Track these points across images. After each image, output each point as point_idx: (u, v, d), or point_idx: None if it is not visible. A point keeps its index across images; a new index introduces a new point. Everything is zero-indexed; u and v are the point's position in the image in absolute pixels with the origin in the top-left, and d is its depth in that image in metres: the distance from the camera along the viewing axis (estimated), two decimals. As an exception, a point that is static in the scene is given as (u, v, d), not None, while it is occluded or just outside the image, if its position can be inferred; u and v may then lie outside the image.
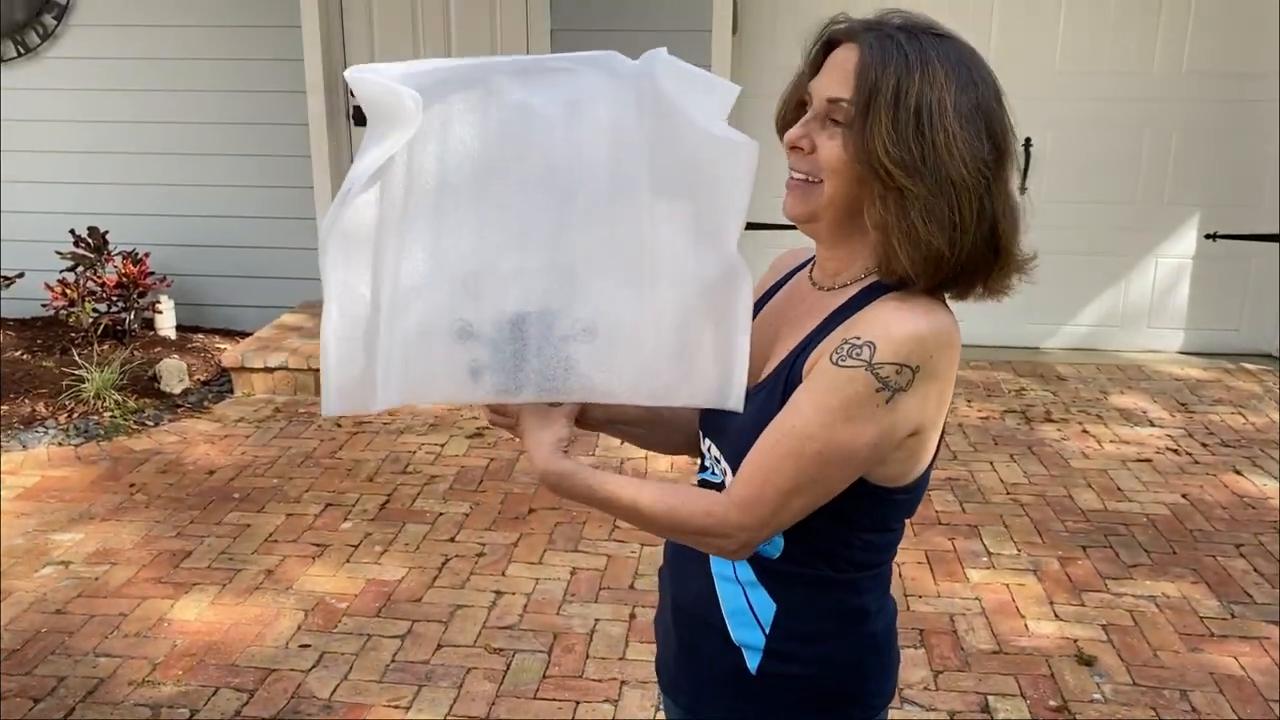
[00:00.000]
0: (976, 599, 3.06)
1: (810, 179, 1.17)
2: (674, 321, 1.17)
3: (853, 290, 1.20)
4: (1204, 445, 4.21)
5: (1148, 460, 4.06)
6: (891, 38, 1.12)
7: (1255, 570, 3.23)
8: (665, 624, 1.43)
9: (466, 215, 1.14)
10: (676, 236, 1.16)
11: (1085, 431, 4.34)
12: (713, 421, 1.31)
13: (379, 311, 1.17)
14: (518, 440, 1.26)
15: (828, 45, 1.19)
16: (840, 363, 1.10)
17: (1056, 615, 2.99)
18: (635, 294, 1.16)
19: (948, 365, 1.13)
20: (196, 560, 3.25)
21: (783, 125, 1.23)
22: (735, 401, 1.20)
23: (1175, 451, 4.15)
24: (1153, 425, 4.42)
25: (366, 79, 1.10)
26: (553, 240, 1.14)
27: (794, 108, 1.22)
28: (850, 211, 1.17)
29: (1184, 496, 3.75)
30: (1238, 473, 3.95)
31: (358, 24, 5.21)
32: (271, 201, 5.32)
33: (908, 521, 1.32)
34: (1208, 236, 5.22)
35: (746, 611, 1.27)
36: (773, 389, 1.20)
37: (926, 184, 1.09)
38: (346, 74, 1.13)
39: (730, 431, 1.26)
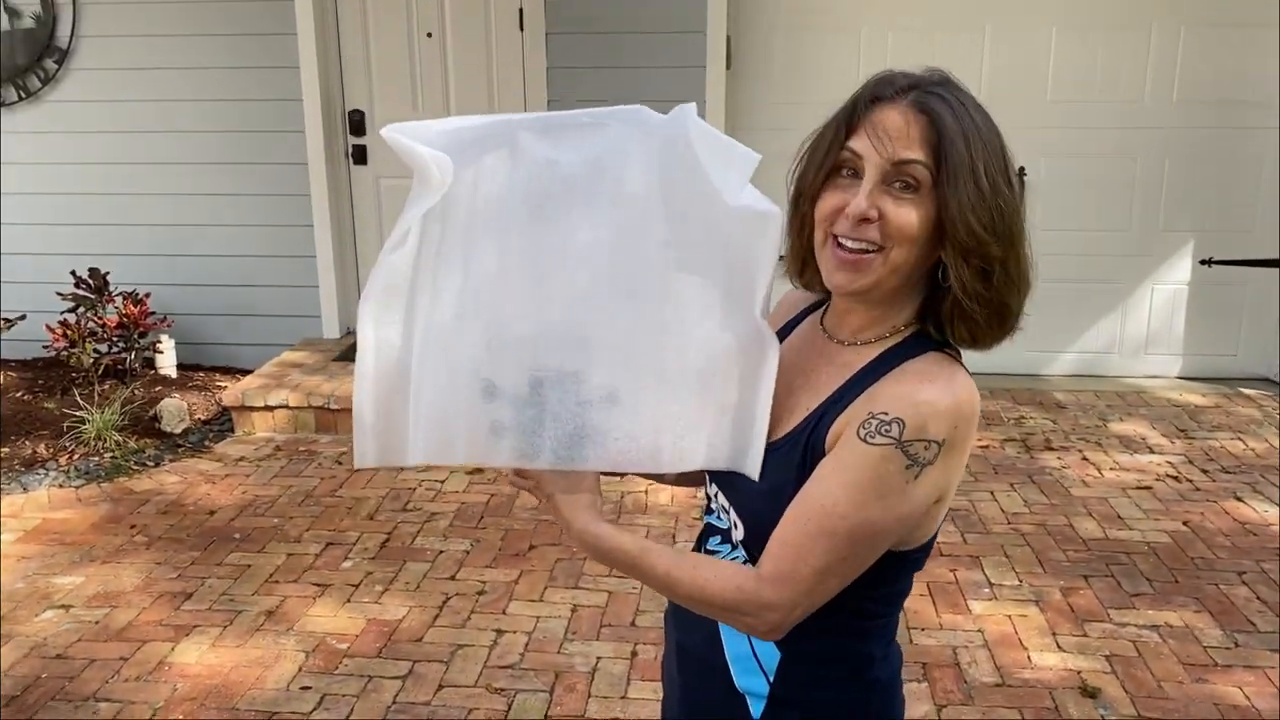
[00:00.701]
0: (979, 631, 3.06)
1: (869, 248, 1.13)
2: (697, 387, 1.17)
3: (874, 351, 1.20)
4: (1204, 472, 4.21)
5: (1148, 488, 4.06)
6: (943, 99, 1.13)
7: (1258, 598, 3.22)
8: (670, 667, 1.43)
9: (493, 274, 1.15)
10: (702, 301, 1.16)
11: (1085, 459, 4.34)
12: (722, 471, 1.31)
13: (410, 366, 1.18)
14: (540, 499, 1.25)
15: (865, 104, 1.15)
16: (869, 439, 1.10)
17: (1059, 646, 2.98)
18: (658, 360, 1.15)
19: (970, 433, 1.14)
20: (197, 602, 3.25)
21: (814, 191, 1.18)
22: (752, 467, 1.20)
23: (1175, 478, 4.15)
24: (1153, 452, 4.42)
25: (400, 141, 1.11)
26: (577, 302, 1.14)
27: (829, 172, 1.17)
28: (908, 276, 1.16)
29: (1185, 524, 3.74)
30: (1239, 499, 3.95)
31: (356, 64, 5.26)
32: (272, 240, 5.35)
33: None
34: (1203, 262, 5.24)
35: (751, 658, 1.27)
36: (789, 451, 1.19)
37: (1004, 248, 1.12)
38: (383, 132, 1.13)
39: (742, 488, 1.25)
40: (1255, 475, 4.17)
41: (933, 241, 1.13)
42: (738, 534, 1.26)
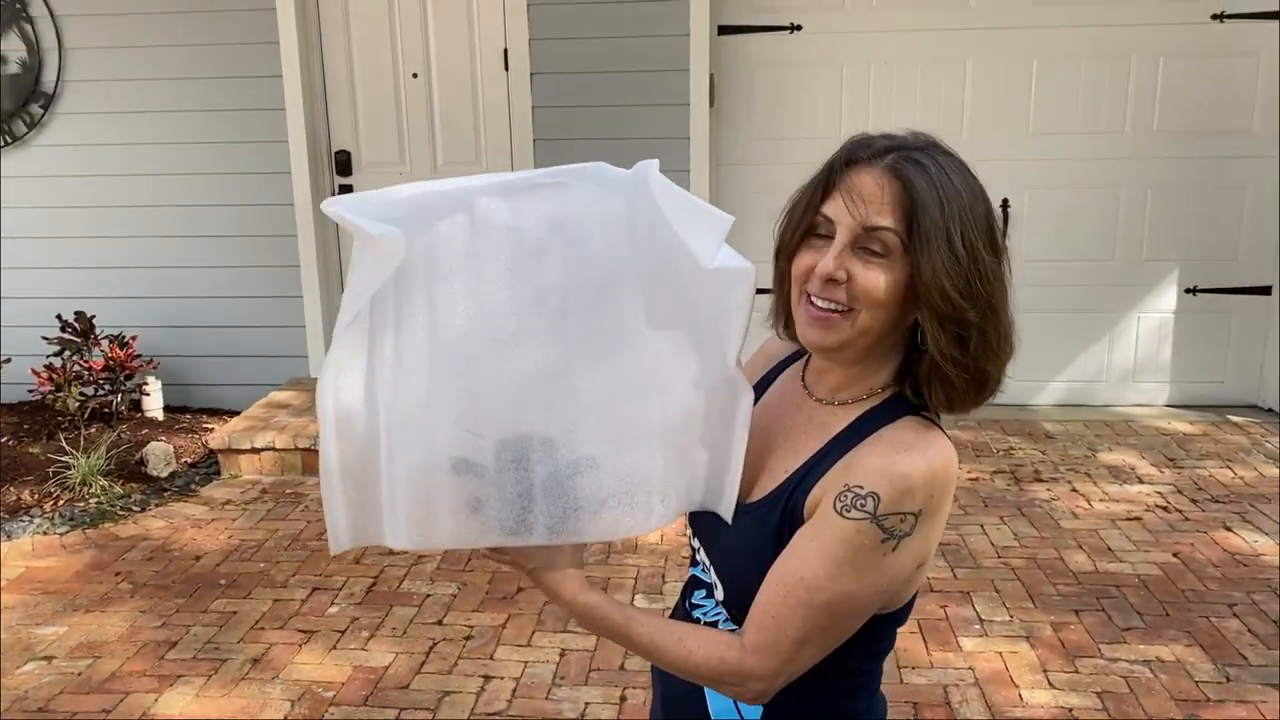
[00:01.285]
0: (970, 668, 3.04)
1: (840, 309, 1.14)
2: (676, 441, 1.16)
3: (853, 413, 1.20)
4: (1194, 501, 4.21)
5: (1138, 519, 4.05)
6: (920, 164, 1.11)
7: (1250, 631, 3.21)
8: (655, 717, 1.43)
9: (457, 343, 1.11)
10: (676, 358, 1.15)
11: (1075, 490, 4.33)
12: (702, 524, 1.31)
13: (378, 447, 1.14)
14: (522, 573, 1.23)
15: (840, 167, 1.15)
16: (845, 514, 1.10)
17: (1050, 684, 2.96)
18: (636, 419, 1.13)
19: (947, 497, 1.14)
20: (182, 650, 3.21)
21: (790, 249, 1.19)
22: (726, 509, 1.21)
23: (1165, 509, 4.14)
24: (1142, 482, 4.42)
25: (345, 217, 1.07)
26: (548, 368, 1.11)
27: (804, 233, 1.18)
28: (880, 338, 1.16)
29: (1175, 555, 3.73)
30: (1228, 529, 3.94)
31: (341, 105, 5.28)
32: (259, 281, 5.35)
33: None
34: (1188, 291, 5.26)
35: (733, 711, 1.27)
36: (768, 514, 1.19)
37: (981, 313, 1.11)
38: (324, 206, 1.10)
39: (722, 546, 1.25)
40: (1245, 504, 4.17)
41: (906, 305, 1.13)
42: (719, 593, 1.27)
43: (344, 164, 5.30)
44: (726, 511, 1.21)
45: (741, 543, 1.21)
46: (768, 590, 1.15)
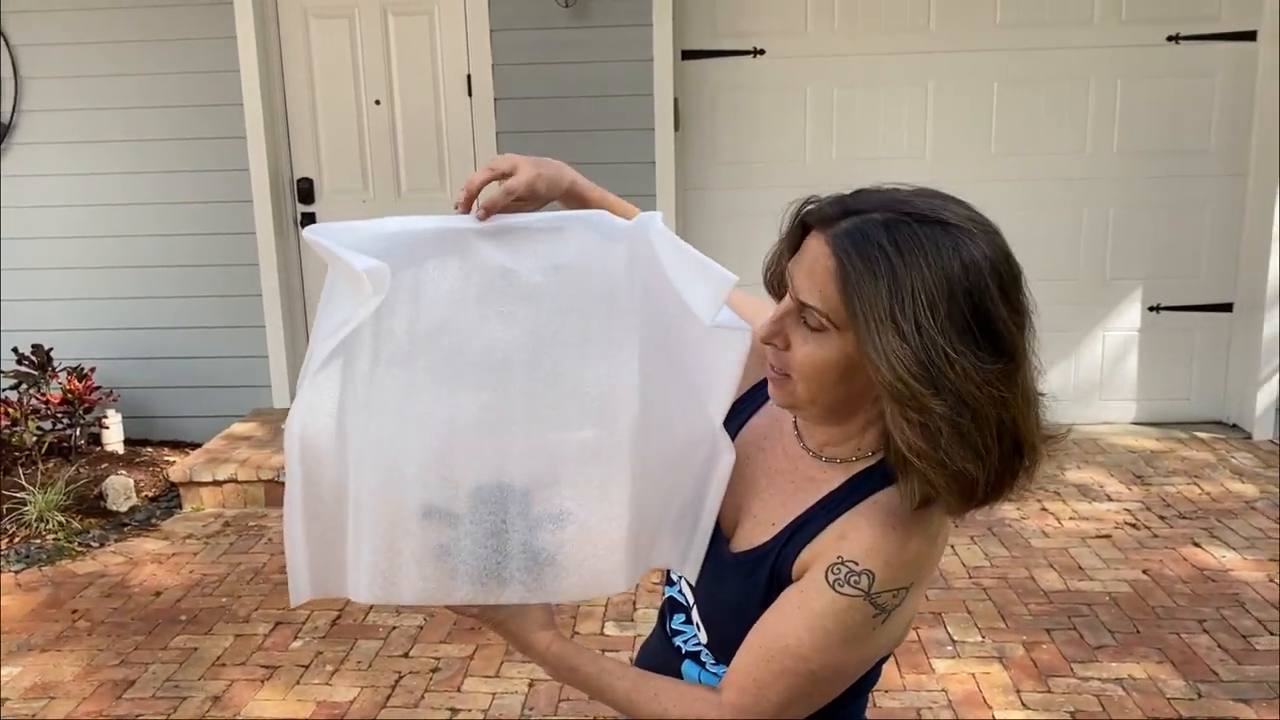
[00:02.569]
0: (943, 690, 3.01)
1: (782, 373, 1.10)
2: (652, 499, 1.14)
3: (843, 475, 1.15)
4: (1162, 518, 4.22)
5: (1107, 536, 4.05)
6: (870, 239, 1.00)
7: (1220, 647, 3.21)
8: None
9: (440, 391, 1.06)
10: (662, 412, 1.12)
11: (1044, 509, 4.33)
12: None
13: (346, 490, 1.09)
14: (490, 626, 1.18)
15: (800, 228, 1.10)
16: (838, 588, 1.07)
17: (1024, 704, 2.94)
18: (615, 474, 1.09)
19: (935, 563, 1.12)
20: (140, 689, 3.13)
21: (771, 291, 1.17)
22: (691, 571, 1.20)
23: (1134, 526, 4.15)
24: (1110, 500, 4.43)
25: (327, 247, 1.02)
26: (533, 417, 1.07)
27: (778, 283, 1.14)
28: (835, 405, 1.10)
29: (1145, 572, 3.73)
30: (1197, 545, 3.95)
31: (303, 132, 5.24)
32: (219, 311, 5.28)
33: None
34: (1151, 309, 5.31)
35: None
36: (754, 570, 1.16)
37: (949, 404, 0.98)
38: (305, 234, 1.06)
39: (706, 591, 1.23)
40: (1212, 520, 4.18)
41: (859, 379, 1.06)
42: (701, 636, 1.24)
43: (306, 192, 5.26)
44: (692, 573, 1.20)
45: (726, 594, 1.19)
46: (750, 652, 1.12)
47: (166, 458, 5.10)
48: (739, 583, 1.17)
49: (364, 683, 3.13)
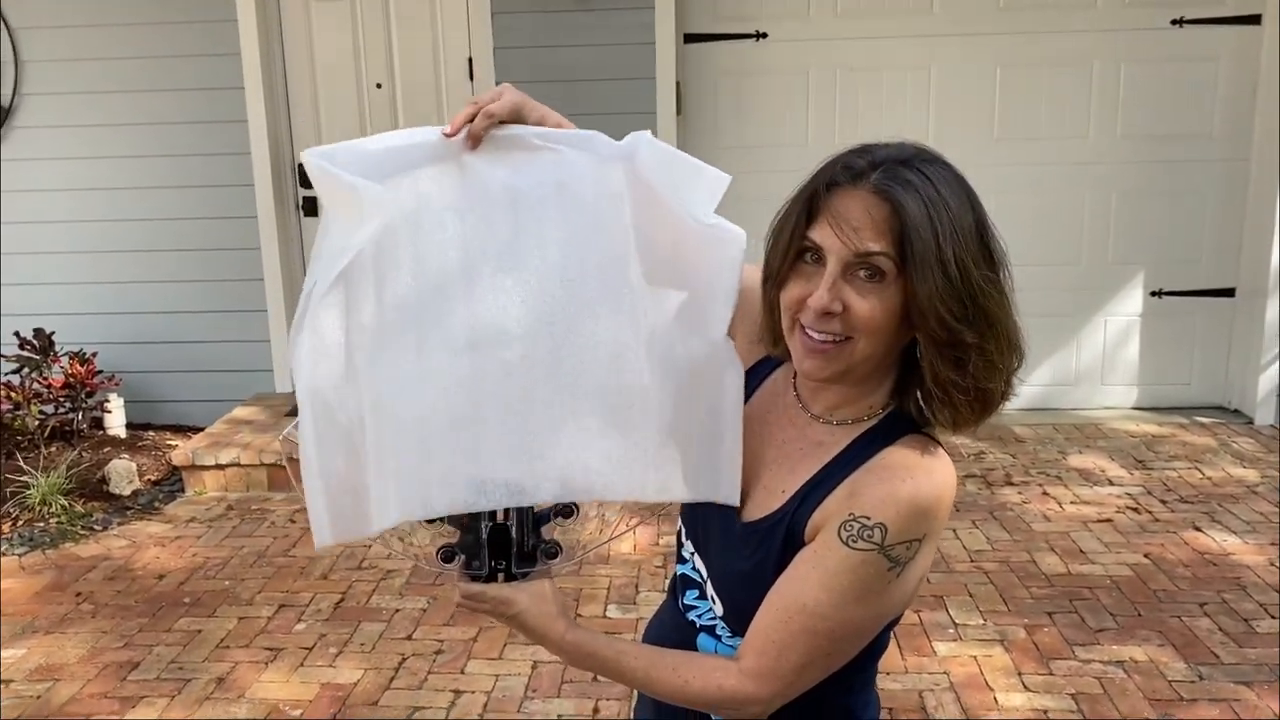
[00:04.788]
0: (945, 673, 3.02)
1: (838, 338, 1.10)
2: (667, 414, 1.13)
3: (851, 434, 1.16)
4: (1163, 503, 4.22)
5: (1108, 520, 4.06)
6: (907, 180, 1.05)
7: (1221, 630, 3.22)
8: (647, 711, 1.39)
9: (455, 305, 1.07)
10: (665, 326, 1.13)
11: (1046, 493, 4.34)
12: (698, 534, 1.29)
13: (361, 419, 1.08)
14: (502, 620, 1.18)
15: (824, 190, 1.09)
16: (851, 544, 1.08)
17: (1025, 686, 2.95)
18: (630, 385, 1.11)
19: (947, 515, 1.13)
20: (144, 671, 3.14)
21: (779, 277, 1.14)
22: (729, 496, 1.18)
23: (1135, 510, 4.16)
24: (1112, 484, 4.43)
25: (324, 169, 1.02)
26: (547, 331, 1.08)
27: (793, 259, 1.13)
28: (879, 361, 1.13)
29: (1146, 556, 3.74)
30: (1198, 529, 3.95)
31: (305, 116, 5.23)
32: (221, 295, 5.28)
33: None
34: (1153, 294, 5.30)
35: None
36: (768, 536, 1.17)
37: (979, 332, 1.07)
38: (303, 156, 1.06)
39: (720, 564, 1.23)
40: (1213, 505, 4.19)
41: (903, 327, 1.10)
42: (717, 608, 1.25)
43: (307, 176, 5.23)
44: (730, 498, 1.18)
45: (740, 564, 1.19)
46: (767, 615, 1.13)
47: (168, 442, 5.11)
48: (753, 551, 1.17)
49: (367, 665, 3.14)
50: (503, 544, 1.16)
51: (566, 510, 1.16)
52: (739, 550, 1.19)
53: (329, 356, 1.07)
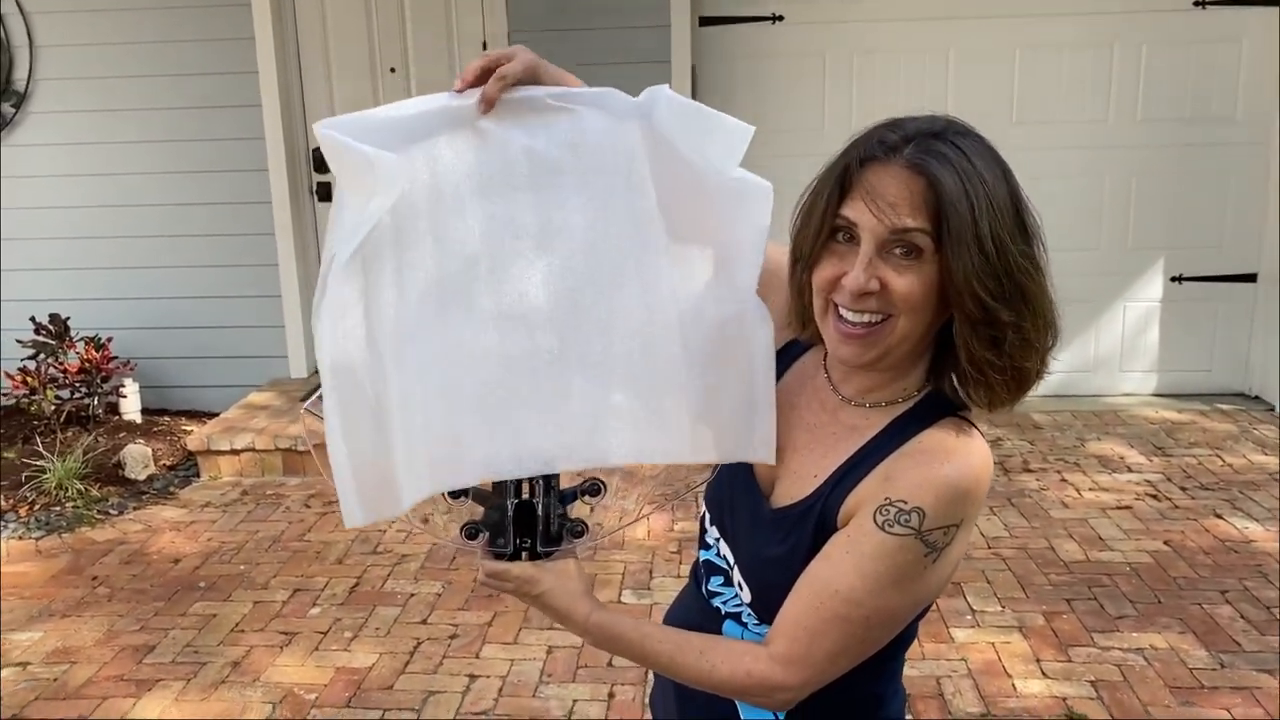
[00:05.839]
0: (963, 660, 3.00)
1: (874, 319, 1.07)
2: (699, 377, 1.11)
3: (886, 417, 1.14)
4: (1183, 489, 4.18)
5: (1128, 507, 4.02)
6: (942, 154, 1.03)
7: (1242, 617, 3.18)
8: (668, 705, 1.36)
9: (480, 277, 1.04)
10: (693, 287, 1.11)
11: (1064, 480, 4.30)
12: (724, 519, 1.26)
13: (387, 394, 1.06)
14: (526, 600, 1.17)
15: (857, 166, 1.06)
16: (888, 528, 1.05)
17: (1044, 673, 2.92)
18: (661, 351, 1.09)
19: (983, 499, 1.10)
20: (160, 655, 3.14)
21: (810, 257, 1.11)
22: (764, 453, 1.15)
23: (1155, 497, 4.12)
24: (1131, 471, 4.40)
25: (336, 139, 1.00)
26: (572, 295, 1.06)
27: (825, 238, 1.09)
28: (917, 341, 1.10)
29: (1166, 543, 3.71)
30: (1218, 516, 3.92)
31: (319, 101, 5.21)
32: (236, 280, 5.28)
33: None
34: (1174, 279, 5.25)
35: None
36: (800, 522, 1.14)
37: (1015, 310, 1.04)
38: (316, 128, 1.03)
39: (749, 549, 1.20)
40: (1234, 491, 4.15)
41: (940, 306, 1.07)
42: (745, 595, 1.22)
43: (321, 160, 5.22)
44: (766, 455, 1.15)
45: (771, 550, 1.17)
46: (799, 601, 1.10)
47: (183, 427, 5.11)
48: (784, 538, 1.15)
49: (382, 649, 3.14)
50: (528, 522, 1.13)
51: (593, 488, 1.14)
52: (769, 536, 1.17)
53: (351, 331, 1.05)
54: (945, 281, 1.04)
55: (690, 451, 1.13)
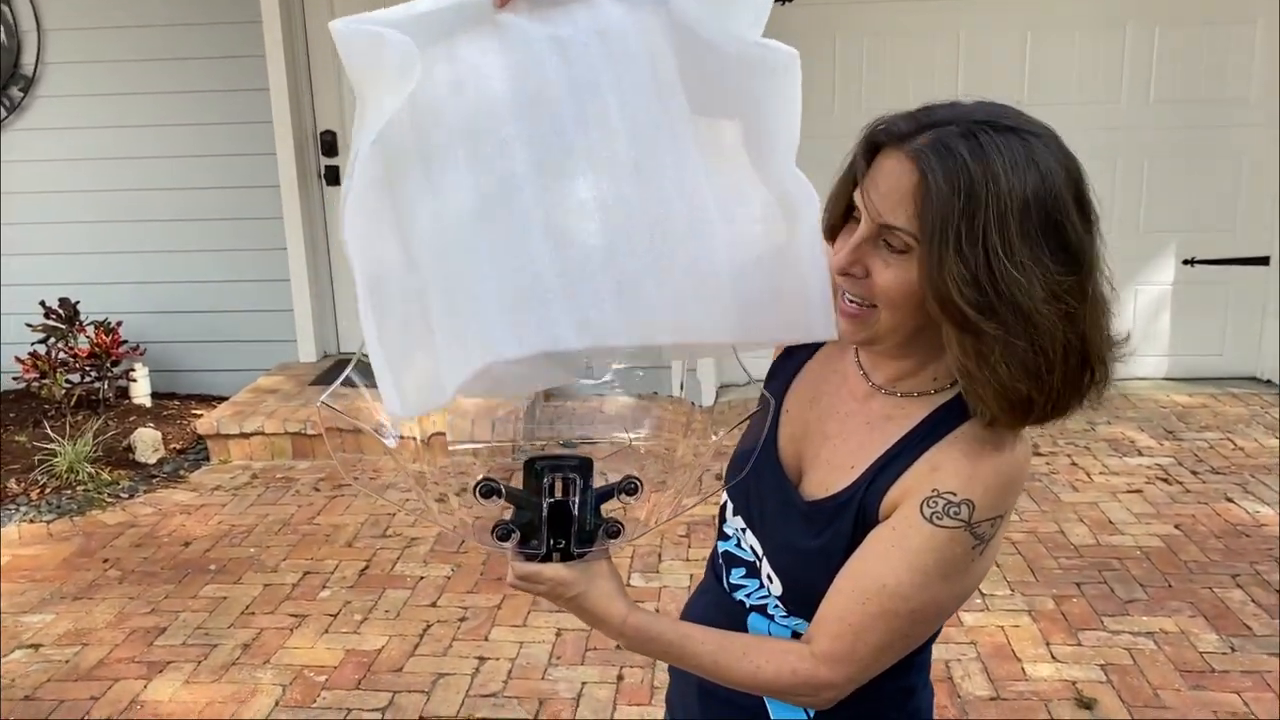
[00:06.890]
0: (972, 643, 3.00)
1: (865, 304, 1.06)
2: (750, 267, 1.08)
3: (923, 409, 1.11)
4: (1194, 473, 4.17)
5: (1138, 491, 4.01)
6: (952, 150, 0.97)
7: (1253, 601, 3.17)
8: (688, 705, 1.34)
9: (515, 163, 0.99)
10: (732, 178, 1.07)
11: (1074, 464, 4.29)
12: (751, 510, 1.23)
13: (421, 285, 1.03)
14: (560, 603, 1.12)
15: (870, 149, 1.04)
16: (937, 521, 1.04)
17: (1054, 657, 2.92)
18: (703, 233, 1.05)
19: (1020, 491, 1.10)
20: (171, 637, 3.16)
21: (830, 229, 1.11)
22: (825, 329, 1.11)
23: (1166, 481, 4.10)
24: (1141, 455, 4.38)
25: (346, 28, 0.98)
26: (612, 181, 1.01)
27: (842, 213, 1.09)
28: (914, 333, 1.07)
29: (1177, 527, 3.69)
30: (1230, 500, 3.90)
31: (327, 84, 5.20)
32: (245, 265, 5.28)
33: None
34: (1186, 262, 5.21)
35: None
36: (838, 514, 1.12)
37: (1004, 323, 0.97)
38: (332, 25, 1.00)
39: (781, 542, 1.18)
40: (1245, 475, 4.13)
41: (931, 306, 1.04)
42: (774, 588, 1.19)
43: (330, 144, 5.23)
44: (827, 331, 1.10)
45: (807, 543, 1.14)
46: (842, 597, 1.08)
47: (193, 411, 5.13)
48: (820, 530, 1.13)
49: (392, 631, 3.15)
50: (563, 522, 1.09)
51: (630, 487, 1.11)
52: (802, 528, 1.14)
53: (380, 230, 1.03)
54: (922, 278, 1.01)
55: (755, 337, 1.10)
